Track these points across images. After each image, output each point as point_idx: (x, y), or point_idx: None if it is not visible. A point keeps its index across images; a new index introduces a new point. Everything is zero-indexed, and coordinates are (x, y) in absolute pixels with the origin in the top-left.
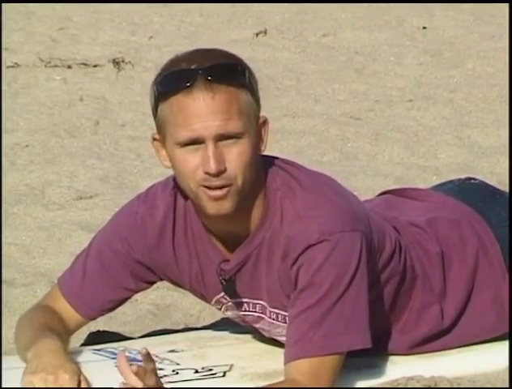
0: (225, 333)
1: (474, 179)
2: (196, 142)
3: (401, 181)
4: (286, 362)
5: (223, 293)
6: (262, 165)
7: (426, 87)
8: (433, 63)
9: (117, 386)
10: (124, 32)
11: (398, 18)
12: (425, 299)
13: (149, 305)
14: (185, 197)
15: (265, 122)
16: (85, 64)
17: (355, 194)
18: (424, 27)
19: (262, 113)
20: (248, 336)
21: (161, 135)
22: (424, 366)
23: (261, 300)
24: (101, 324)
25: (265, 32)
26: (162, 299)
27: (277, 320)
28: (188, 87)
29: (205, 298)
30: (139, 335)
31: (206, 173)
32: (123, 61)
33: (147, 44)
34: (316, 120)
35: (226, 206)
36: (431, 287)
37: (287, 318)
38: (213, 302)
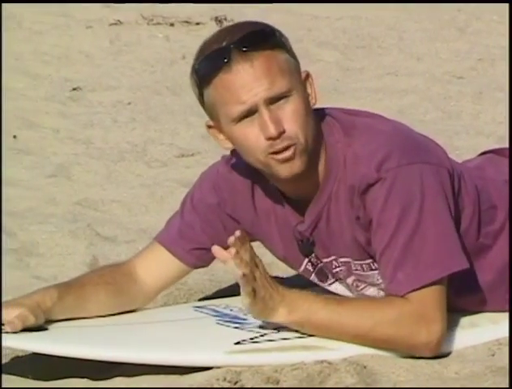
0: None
1: None
2: (250, 113)
3: (503, 141)
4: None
5: (307, 260)
6: (317, 121)
7: None
8: None
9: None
10: None
11: None
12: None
13: None
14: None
15: (308, 76)
16: (187, 22)
17: (456, 152)
18: None
19: (348, 71)
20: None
21: (215, 120)
22: None
23: (343, 254)
24: (206, 281)
25: None
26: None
27: (363, 271)
28: (226, 63)
29: (289, 263)
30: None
31: (269, 139)
32: (225, 19)
33: (249, 2)
34: (418, 79)
35: (296, 165)
36: None
37: (371, 264)
38: (301, 270)
